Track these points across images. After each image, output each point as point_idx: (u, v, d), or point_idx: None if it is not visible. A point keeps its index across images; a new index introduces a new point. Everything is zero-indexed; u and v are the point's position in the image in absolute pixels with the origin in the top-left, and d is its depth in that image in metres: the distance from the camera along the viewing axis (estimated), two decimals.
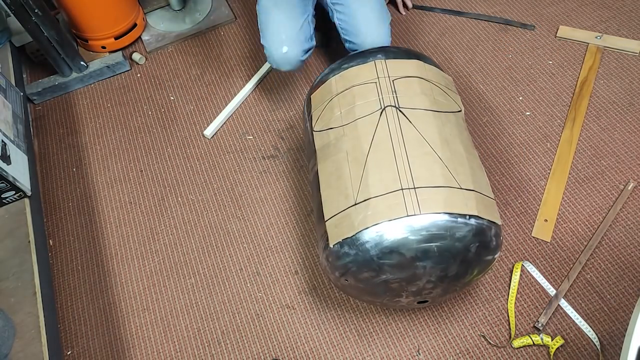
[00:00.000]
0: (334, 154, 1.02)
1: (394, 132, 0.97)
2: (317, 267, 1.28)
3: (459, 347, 1.14)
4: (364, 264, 0.92)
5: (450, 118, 1.04)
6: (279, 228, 1.35)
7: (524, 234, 1.27)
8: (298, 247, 1.31)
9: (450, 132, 1.01)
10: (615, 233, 1.25)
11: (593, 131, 1.41)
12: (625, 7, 1.65)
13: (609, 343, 1.12)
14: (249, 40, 1.76)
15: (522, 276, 1.21)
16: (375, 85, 1.05)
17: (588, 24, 1.62)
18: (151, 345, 1.22)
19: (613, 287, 1.18)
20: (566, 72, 1.54)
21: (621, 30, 1.59)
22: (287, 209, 1.38)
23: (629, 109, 1.44)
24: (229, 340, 1.21)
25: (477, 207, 0.90)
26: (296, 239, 1.33)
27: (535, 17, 1.67)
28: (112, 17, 1.68)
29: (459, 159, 0.97)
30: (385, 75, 1.06)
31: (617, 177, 1.33)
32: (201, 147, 1.53)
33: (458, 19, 1.70)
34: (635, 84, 1.48)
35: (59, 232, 1.41)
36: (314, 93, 1.16)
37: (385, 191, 0.91)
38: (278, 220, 1.36)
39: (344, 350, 1.17)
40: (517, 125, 1.45)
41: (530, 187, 1.34)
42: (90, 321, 1.26)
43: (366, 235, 0.90)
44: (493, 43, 1.63)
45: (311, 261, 1.29)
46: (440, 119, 1.02)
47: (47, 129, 1.62)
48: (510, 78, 1.55)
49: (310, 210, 1.36)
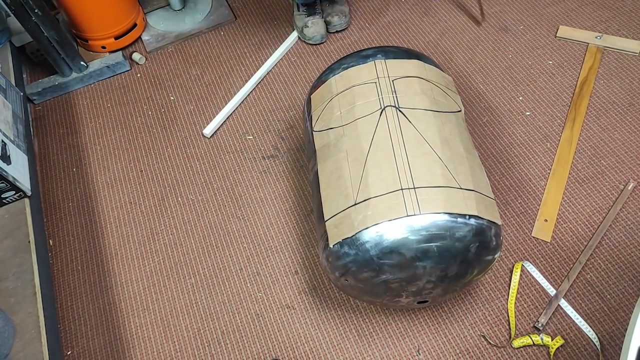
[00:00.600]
0: (334, 154, 1.02)
1: (394, 132, 0.97)
2: (317, 267, 1.28)
3: (459, 347, 1.14)
4: (363, 264, 0.92)
5: (450, 118, 1.04)
6: (279, 228, 1.35)
7: (524, 234, 1.27)
8: (298, 247, 1.31)
9: (450, 132, 1.01)
10: (615, 233, 1.25)
11: (593, 131, 1.41)
12: (625, 7, 1.64)
13: (609, 343, 1.12)
14: (249, 40, 1.76)
15: (522, 276, 1.21)
16: (375, 85, 1.05)
17: (588, 24, 1.62)
18: (151, 345, 1.22)
19: (613, 287, 1.18)
20: (566, 72, 1.53)
21: (621, 30, 1.59)
22: (287, 209, 1.38)
23: (629, 109, 1.44)
24: (229, 340, 1.21)
25: (477, 207, 0.90)
26: (296, 239, 1.33)
27: (535, 17, 1.67)
28: (112, 17, 1.68)
29: (459, 158, 0.97)
30: (385, 75, 1.06)
31: (617, 177, 1.33)
32: (201, 147, 1.53)
33: (458, 19, 1.70)
34: (635, 84, 1.48)
35: (59, 232, 1.41)
36: (314, 93, 1.16)
37: (385, 191, 0.91)
38: (278, 220, 1.36)
39: (344, 350, 1.17)
40: (517, 125, 1.45)
41: (530, 187, 1.34)
42: (90, 321, 1.26)
43: (366, 235, 0.90)
44: (493, 43, 1.63)
45: (311, 261, 1.29)
46: (440, 119, 1.02)
47: (47, 129, 1.62)
48: (510, 78, 1.55)
49: (310, 210, 1.36)
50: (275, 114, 1.57)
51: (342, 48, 1.69)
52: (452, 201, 0.90)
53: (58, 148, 1.58)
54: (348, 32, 1.73)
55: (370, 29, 1.72)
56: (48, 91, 1.67)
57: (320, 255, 1.04)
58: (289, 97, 1.60)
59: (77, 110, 1.66)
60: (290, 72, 1.66)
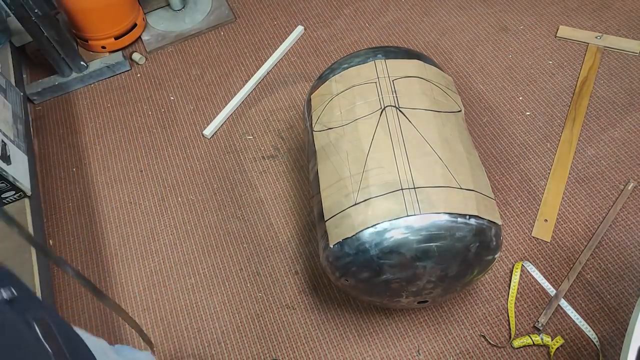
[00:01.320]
0: (334, 154, 1.02)
1: (394, 132, 0.97)
2: (317, 268, 1.28)
3: (459, 347, 1.14)
4: (364, 264, 0.92)
5: (451, 118, 1.04)
6: (279, 228, 1.35)
7: (524, 234, 1.27)
8: (298, 247, 1.31)
9: (450, 132, 1.01)
10: (615, 233, 1.25)
11: (593, 131, 1.41)
12: (625, 7, 1.65)
13: (608, 343, 1.12)
14: (249, 40, 1.76)
15: (522, 276, 1.21)
16: (375, 85, 1.05)
17: (588, 24, 1.62)
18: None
19: (613, 287, 1.18)
20: (566, 72, 1.54)
21: (621, 30, 1.59)
22: (287, 209, 1.38)
23: (629, 109, 1.44)
24: (229, 340, 1.21)
25: (477, 207, 0.90)
26: (296, 239, 1.33)
27: (535, 17, 1.67)
28: (112, 17, 1.68)
29: (459, 158, 0.97)
30: (385, 75, 1.06)
31: (617, 177, 1.33)
32: (201, 147, 1.53)
33: (458, 19, 1.70)
34: (635, 84, 1.48)
35: (59, 232, 1.41)
36: (314, 93, 1.16)
37: (385, 191, 0.91)
38: (278, 220, 1.36)
39: (344, 350, 1.17)
40: (517, 125, 1.45)
41: (530, 187, 1.34)
42: (90, 322, 1.26)
43: (366, 235, 0.90)
44: (493, 43, 1.63)
45: (311, 261, 1.29)
46: (441, 119, 1.02)
47: (47, 129, 1.62)
48: (510, 78, 1.55)
49: (310, 210, 1.36)
50: (275, 114, 1.57)
51: (342, 48, 1.69)
52: (452, 201, 0.90)
53: (58, 148, 1.58)
54: (348, 32, 1.73)
55: (370, 29, 1.72)
56: (48, 91, 1.67)
57: (320, 255, 1.04)
58: (289, 97, 1.60)
59: (77, 110, 1.66)
60: (290, 72, 1.66)
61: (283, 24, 1.79)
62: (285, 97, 1.60)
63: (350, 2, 1.81)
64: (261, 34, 1.78)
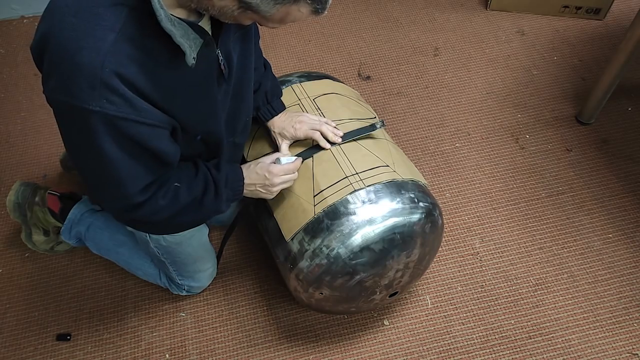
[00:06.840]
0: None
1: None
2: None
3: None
4: (337, 271, 0.95)
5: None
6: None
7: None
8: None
9: (376, 135, 1.10)
10: None
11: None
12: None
13: None
14: None
15: None
16: (299, 107, 1.11)
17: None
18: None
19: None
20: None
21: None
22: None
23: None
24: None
25: (412, 175, 1.03)
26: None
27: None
28: None
29: (388, 152, 1.06)
30: (305, 96, 1.13)
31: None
32: None
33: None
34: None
35: None
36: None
37: (333, 182, 0.98)
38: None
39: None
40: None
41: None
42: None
43: (333, 241, 0.94)
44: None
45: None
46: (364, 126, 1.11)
47: None
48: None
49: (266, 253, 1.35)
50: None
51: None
52: (391, 175, 0.99)
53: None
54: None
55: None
56: None
57: (287, 280, 1.04)
58: None
59: None
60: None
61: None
62: None
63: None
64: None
